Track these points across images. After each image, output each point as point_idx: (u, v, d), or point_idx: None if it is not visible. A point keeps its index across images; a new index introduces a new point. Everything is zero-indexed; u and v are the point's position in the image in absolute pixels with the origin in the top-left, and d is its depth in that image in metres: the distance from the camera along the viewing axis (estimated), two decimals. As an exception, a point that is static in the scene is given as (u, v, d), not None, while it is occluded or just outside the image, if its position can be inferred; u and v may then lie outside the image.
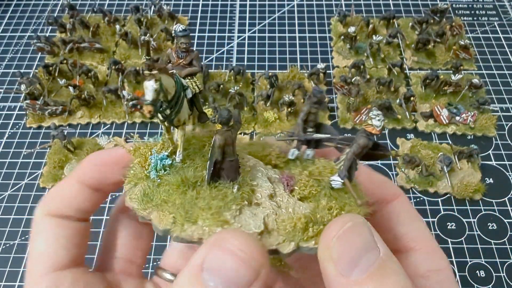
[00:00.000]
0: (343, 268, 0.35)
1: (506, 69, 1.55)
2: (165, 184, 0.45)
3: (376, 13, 1.74)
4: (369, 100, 1.43)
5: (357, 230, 0.36)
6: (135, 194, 0.45)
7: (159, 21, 1.69)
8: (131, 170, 0.48)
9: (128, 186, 0.47)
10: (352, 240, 0.35)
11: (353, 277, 0.34)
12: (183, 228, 0.41)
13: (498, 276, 1.09)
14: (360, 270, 0.34)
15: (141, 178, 0.46)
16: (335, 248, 0.35)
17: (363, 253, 0.35)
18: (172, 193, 0.44)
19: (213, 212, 0.41)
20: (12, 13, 1.78)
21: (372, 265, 0.34)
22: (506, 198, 1.23)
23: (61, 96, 1.46)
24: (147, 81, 0.41)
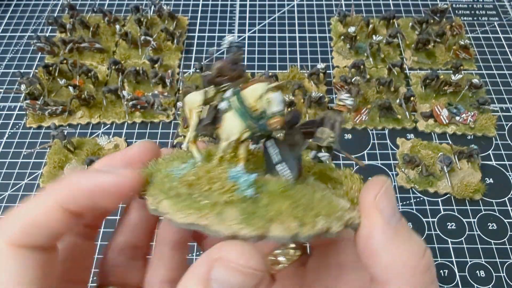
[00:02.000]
0: (387, 216, 0.43)
1: (506, 69, 1.55)
2: (266, 196, 0.44)
3: (376, 13, 1.74)
4: (369, 100, 1.43)
5: (391, 189, 0.45)
6: (234, 219, 0.41)
7: (159, 21, 1.70)
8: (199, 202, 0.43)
9: (210, 218, 0.42)
10: (392, 195, 0.45)
11: (393, 224, 0.42)
12: (313, 226, 0.42)
13: (498, 276, 1.09)
14: (397, 219, 0.43)
15: (229, 203, 0.43)
16: (382, 201, 0.43)
17: (395, 207, 0.44)
18: (279, 200, 0.43)
19: (328, 201, 0.44)
20: (12, 13, 1.78)
21: (401, 219, 0.44)
22: (506, 198, 1.23)
23: (61, 96, 1.46)
24: (273, 93, 0.44)
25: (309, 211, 0.42)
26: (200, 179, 0.45)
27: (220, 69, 0.50)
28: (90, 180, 0.45)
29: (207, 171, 0.45)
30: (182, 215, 0.42)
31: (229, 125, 0.47)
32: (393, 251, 0.41)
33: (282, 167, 0.46)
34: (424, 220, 1.19)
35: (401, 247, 0.42)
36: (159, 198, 0.43)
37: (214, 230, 0.41)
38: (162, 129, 1.40)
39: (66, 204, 0.43)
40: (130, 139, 1.38)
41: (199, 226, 0.41)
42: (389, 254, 0.41)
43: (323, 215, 0.42)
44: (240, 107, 0.46)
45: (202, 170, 0.46)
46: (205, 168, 0.46)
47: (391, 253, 0.41)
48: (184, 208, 0.42)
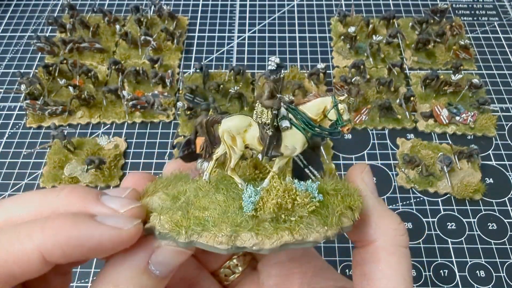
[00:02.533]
0: (371, 189, 0.55)
1: (506, 69, 1.55)
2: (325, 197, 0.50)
3: (376, 13, 1.74)
4: (369, 100, 1.43)
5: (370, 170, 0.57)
6: (319, 226, 0.46)
7: (159, 21, 1.70)
8: (286, 222, 0.46)
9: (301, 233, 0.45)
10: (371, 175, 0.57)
11: (375, 194, 0.55)
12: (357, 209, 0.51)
13: (498, 276, 1.09)
14: (376, 193, 0.55)
15: (312, 212, 0.47)
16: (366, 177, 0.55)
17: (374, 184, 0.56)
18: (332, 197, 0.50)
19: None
20: (12, 13, 1.78)
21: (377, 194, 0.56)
22: (506, 198, 1.23)
23: (61, 96, 1.46)
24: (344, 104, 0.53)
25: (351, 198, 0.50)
26: (284, 198, 0.46)
27: (272, 90, 0.52)
28: (85, 232, 0.39)
29: (283, 190, 0.47)
30: (272, 240, 0.44)
31: (292, 141, 0.51)
32: (380, 213, 0.52)
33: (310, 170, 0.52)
34: (424, 220, 1.19)
35: (384, 213, 0.53)
36: (234, 235, 0.44)
37: (310, 241, 0.45)
38: (162, 129, 1.40)
39: (50, 254, 0.38)
40: (130, 139, 1.38)
41: (295, 243, 0.44)
42: (377, 216, 0.52)
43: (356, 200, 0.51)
44: (301, 122, 0.51)
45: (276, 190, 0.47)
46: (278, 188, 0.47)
47: (379, 215, 0.52)
48: (273, 232, 0.44)
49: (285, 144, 0.51)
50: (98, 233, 0.39)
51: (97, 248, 0.39)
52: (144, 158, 1.33)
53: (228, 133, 0.51)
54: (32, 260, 0.37)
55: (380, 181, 1.27)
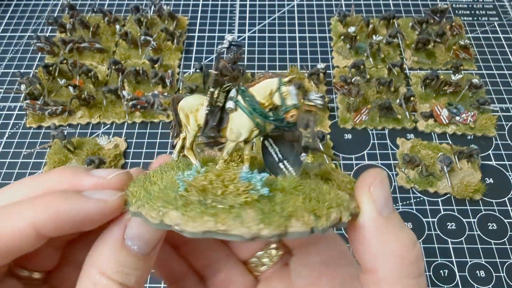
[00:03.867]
0: (379, 206, 0.45)
1: (506, 69, 1.55)
2: (278, 194, 0.44)
3: (376, 13, 1.74)
4: (369, 100, 1.43)
5: (386, 181, 0.47)
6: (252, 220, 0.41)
7: (159, 21, 1.70)
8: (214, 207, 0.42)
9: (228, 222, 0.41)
10: (386, 186, 0.46)
11: (384, 214, 0.45)
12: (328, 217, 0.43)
13: (498, 276, 1.09)
14: (389, 210, 0.45)
15: (246, 204, 0.42)
16: (375, 191, 0.45)
17: (389, 198, 0.46)
18: (293, 197, 0.43)
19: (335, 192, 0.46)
20: (12, 13, 1.78)
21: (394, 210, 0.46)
22: (506, 198, 1.23)
23: (61, 96, 1.46)
24: (289, 86, 0.45)
25: (322, 204, 0.43)
26: (212, 183, 0.43)
27: (221, 69, 0.49)
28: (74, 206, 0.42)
29: (217, 175, 0.44)
30: (195, 224, 0.40)
31: (238, 124, 0.47)
32: (382, 240, 0.44)
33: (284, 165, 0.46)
34: (424, 220, 1.19)
35: (391, 237, 0.44)
36: (163, 211, 0.42)
37: (235, 235, 0.40)
38: (162, 129, 1.40)
39: (42, 228, 0.40)
40: (130, 139, 1.38)
41: (217, 232, 0.40)
42: (378, 243, 0.44)
43: (334, 207, 0.43)
44: (248, 105, 0.46)
45: (212, 174, 0.45)
46: (214, 172, 0.45)
47: (381, 242, 0.44)
48: (197, 216, 0.40)
49: (230, 127, 0.47)
50: (86, 206, 0.43)
51: (85, 220, 0.43)
52: (144, 158, 1.34)
53: (182, 111, 0.50)
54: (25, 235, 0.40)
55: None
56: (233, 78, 0.50)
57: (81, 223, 0.42)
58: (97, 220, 0.43)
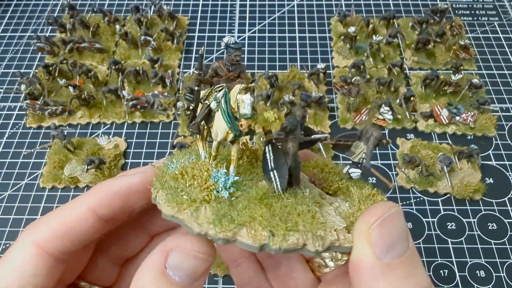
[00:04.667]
0: (379, 251, 0.38)
1: (506, 69, 1.55)
2: (242, 201, 0.44)
3: (376, 13, 1.74)
4: (369, 100, 1.43)
5: (396, 219, 0.40)
6: (206, 218, 0.42)
7: (159, 21, 1.70)
8: (181, 196, 0.44)
9: (186, 213, 0.43)
10: (390, 228, 0.39)
11: (386, 260, 0.38)
12: (285, 238, 0.41)
13: (498, 276, 1.09)
14: (393, 256, 0.38)
15: (205, 201, 0.44)
16: (374, 233, 0.39)
17: (398, 241, 0.38)
18: (255, 207, 0.43)
19: (312, 215, 0.42)
20: (12, 13, 1.78)
21: (404, 254, 0.38)
22: (506, 198, 1.23)
23: (61, 96, 1.46)
24: (244, 95, 0.43)
25: (283, 223, 0.41)
26: (185, 174, 0.46)
27: (216, 69, 0.50)
28: (121, 182, 0.50)
29: (193, 167, 0.47)
30: (167, 207, 0.44)
31: (217, 125, 0.47)
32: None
33: (274, 175, 0.45)
34: (424, 220, 1.19)
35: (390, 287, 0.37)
36: (157, 188, 0.47)
37: (188, 226, 0.42)
38: (162, 129, 1.40)
39: (99, 208, 0.47)
40: (130, 139, 1.38)
41: (178, 219, 0.43)
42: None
43: (299, 230, 0.41)
44: (224, 107, 0.46)
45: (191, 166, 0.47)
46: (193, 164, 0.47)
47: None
48: (170, 200, 0.44)
49: (213, 126, 0.48)
50: (128, 179, 0.50)
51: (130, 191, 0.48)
52: (144, 158, 1.33)
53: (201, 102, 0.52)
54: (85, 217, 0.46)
55: (380, 181, 1.27)
56: (228, 79, 0.50)
57: (127, 195, 0.49)
58: (139, 190, 0.49)
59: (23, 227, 1.19)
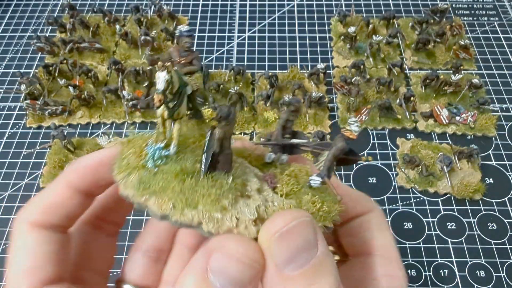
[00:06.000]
0: (279, 262, 0.37)
1: (506, 69, 1.55)
2: (163, 173, 0.46)
3: (376, 13, 1.74)
4: (369, 100, 1.44)
5: (300, 229, 0.38)
6: (131, 182, 0.46)
7: (159, 21, 1.70)
8: (123, 160, 0.48)
9: (121, 175, 0.46)
10: (293, 239, 0.37)
11: (286, 272, 0.37)
12: (183, 213, 0.43)
13: (498, 276, 1.09)
14: (294, 267, 0.37)
15: (136, 168, 0.47)
16: (275, 243, 0.37)
17: (301, 252, 0.37)
18: (170, 181, 0.45)
19: (212, 199, 0.43)
20: (12, 13, 1.78)
21: (307, 264, 0.37)
22: (506, 198, 1.23)
23: (61, 96, 1.46)
24: (160, 71, 0.45)
25: (185, 199, 0.44)
26: (130, 143, 0.50)
27: (170, 54, 0.54)
28: (91, 157, 0.51)
29: (140, 138, 0.51)
30: (116, 173, 0.47)
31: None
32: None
33: (202, 158, 0.47)
34: (424, 220, 1.19)
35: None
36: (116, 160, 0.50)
37: (121, 189, 0.46)
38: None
39: (75, 183, 0.49)
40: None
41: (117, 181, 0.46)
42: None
43: (197, 209, 0.43)
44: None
45: (139, 137, 0.51)
46: (141, 136, 0.51)
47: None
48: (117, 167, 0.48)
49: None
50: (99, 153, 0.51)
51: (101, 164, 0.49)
52: (144, 158, 1.33)
53: None
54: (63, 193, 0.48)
55: (380, 181, 1.27)
56: (180, 64, 0.54)
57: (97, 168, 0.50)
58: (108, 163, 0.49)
59: (23, 227, 1.19)
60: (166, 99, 0.47)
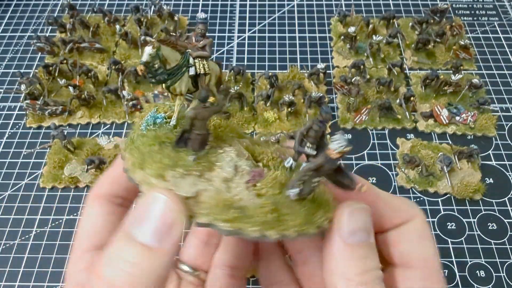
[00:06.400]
0: (343, 233, 0.46)
1: (506, 69, 1.55)
2: (146, 136, 0.52)
3: (376, 13, 1.74)
4: (369, 100, 1.44)
5: (364, 213, 0.48)
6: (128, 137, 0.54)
7: (159, 21, 1.70)
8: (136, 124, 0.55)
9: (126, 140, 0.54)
10: (357, 217, 0.47)
11: (349, 241, 0.46)
12: (135, 172, 0.47)
13: (498, 276, 1.09)
14: (355, 239, 0.46)
15: (135, 129, 0.54)
16: (343, 219, 0.46)
17: (362, 230, 0.47)
18: (145, 143, 0.50)
19: (159, 166, 0.47)
20: (12, 13, 1.78)
21: (366, 241, 0.47)
22: (506, 198, 1.23)
23: (61, 96, 1.46)
24: (147, 46, 0.51)
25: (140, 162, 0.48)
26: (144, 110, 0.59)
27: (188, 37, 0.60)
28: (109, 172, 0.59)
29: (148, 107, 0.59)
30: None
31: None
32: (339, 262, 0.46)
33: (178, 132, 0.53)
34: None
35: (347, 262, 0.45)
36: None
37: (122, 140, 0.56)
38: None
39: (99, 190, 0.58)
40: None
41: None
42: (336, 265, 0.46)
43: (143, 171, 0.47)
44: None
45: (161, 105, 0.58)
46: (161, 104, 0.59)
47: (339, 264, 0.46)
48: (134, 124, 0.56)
49: None
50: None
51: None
52: (144, 158, 1.33)
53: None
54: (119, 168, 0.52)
55: (380, 181, 1.27)
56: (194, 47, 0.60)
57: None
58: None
59: (23, 227, 1.19)
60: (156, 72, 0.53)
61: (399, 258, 0.52)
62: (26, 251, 1.14)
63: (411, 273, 0.50)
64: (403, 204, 0.55)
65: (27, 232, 1.18)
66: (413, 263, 0.51)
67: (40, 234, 1.18)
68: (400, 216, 0.53)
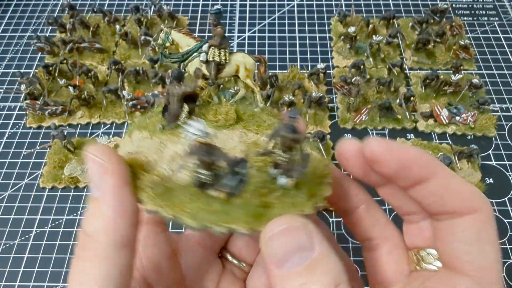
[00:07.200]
0: (277, 261, 0.39)
1: (506, 69, 1.55)
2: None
3: (376, 13, 1.74)
4: (369, 100, 1.44)
5: (291, 232, 0.39)
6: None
7: (159, 21, 1.70)
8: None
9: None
10: (285, 240, 0.39)
11: (284, 269, 0.38)
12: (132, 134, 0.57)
13: (498, 276, 1.09)
14: (290, 265, 0.38)
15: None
16: (271, 243, 0.39)
17: (294, 253, 0.38)
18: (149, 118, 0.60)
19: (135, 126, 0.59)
20: (12, 13, 1.78)
21: (302, 264, 0.38)
22: (506, 198, 1.23)
23: (61, 96, 1.46)
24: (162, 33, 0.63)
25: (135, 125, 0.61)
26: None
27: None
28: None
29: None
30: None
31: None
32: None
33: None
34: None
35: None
36: None
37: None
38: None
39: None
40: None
41: None
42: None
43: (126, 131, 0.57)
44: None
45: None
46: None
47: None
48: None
49: None
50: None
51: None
52: (144, 158, 1.33)
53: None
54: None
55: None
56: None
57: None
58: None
59: (23, 227, 1.19)
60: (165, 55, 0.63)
61: (448, 260, 0.44)
62: (26, 251, 1.14)
63: (461, 280, 0.42)
64: (463, 187, 0.43)
65: (27, 232, 1.18)
66: (463, 269, 0.42)
67: (40, 234, 1.18)
68: (457, 203, 0.42)
